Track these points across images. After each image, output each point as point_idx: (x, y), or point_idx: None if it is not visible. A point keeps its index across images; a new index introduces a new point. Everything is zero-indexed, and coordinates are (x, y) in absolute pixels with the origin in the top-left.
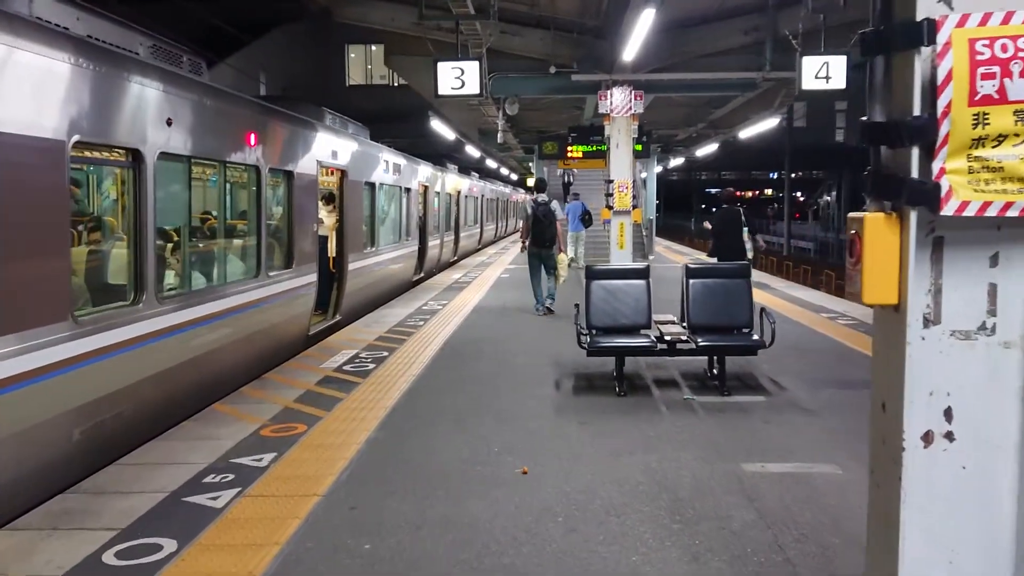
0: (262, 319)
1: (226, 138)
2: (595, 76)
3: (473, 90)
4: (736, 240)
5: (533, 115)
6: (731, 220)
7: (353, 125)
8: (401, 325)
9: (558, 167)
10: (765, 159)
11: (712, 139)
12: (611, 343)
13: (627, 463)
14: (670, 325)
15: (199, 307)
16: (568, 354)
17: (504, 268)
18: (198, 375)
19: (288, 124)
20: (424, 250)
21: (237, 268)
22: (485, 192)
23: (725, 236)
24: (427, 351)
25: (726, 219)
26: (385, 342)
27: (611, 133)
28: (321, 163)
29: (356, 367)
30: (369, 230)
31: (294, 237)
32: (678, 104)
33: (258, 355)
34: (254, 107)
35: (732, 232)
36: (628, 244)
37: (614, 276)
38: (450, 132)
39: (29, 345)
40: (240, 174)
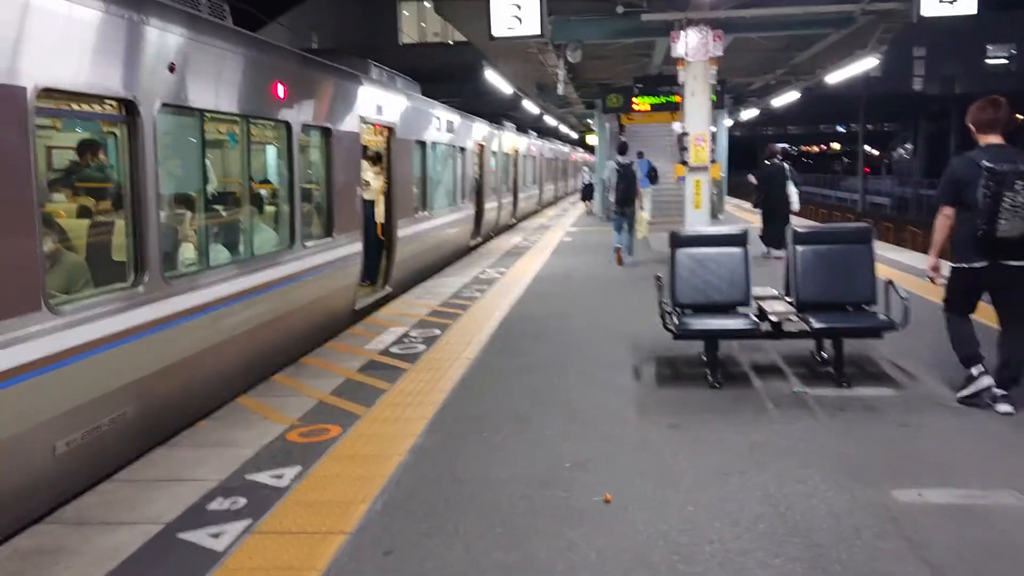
0: (297, 296)
1: (249, 90)
2: (668, 15)
3: (532, 30)
4: (781, 192)
5: (595, 65)
6: (777, 174)
7: (402, 80)
8: (456, 297)
9: (620, 122)
10: (833, 112)
11: (792, 86)
12: (704, 325)
13: (738, 487)
14: (773, 302)
15: (216, 287)
16: (645, 331)
17: (566, 231)
18: (218, 366)
19: (325, 76)
20: (481, 213)
21: (265, 239)
22: (544, 151)
23: (771, 189)
24: (484, 329)
25: (772, 173)
26: (438, 317)
27: (686, 80)
28: (365, 119)
29: (404, 349)
30: (420, 193)
31: (334, 202)
32: (755, 48)
33: (293, 336)
34: (283, 55)
35: (778, 185)
36: (705, 204)
37: (705, 243)
38: (507, 86)
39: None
40: (267, 132)
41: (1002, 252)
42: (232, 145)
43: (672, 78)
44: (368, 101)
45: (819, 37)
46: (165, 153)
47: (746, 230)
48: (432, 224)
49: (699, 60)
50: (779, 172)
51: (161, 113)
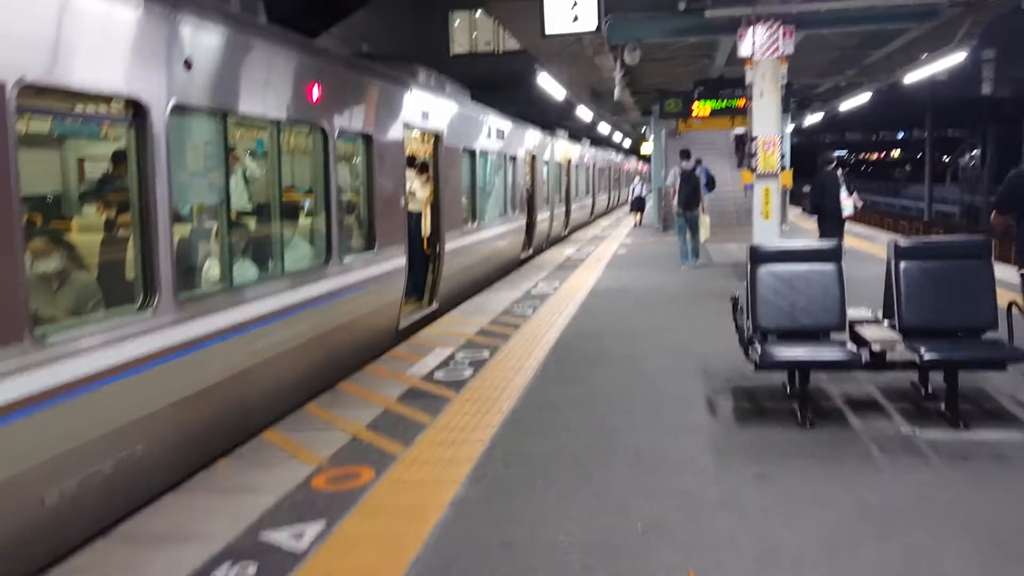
0: (335, 315)
1: (279, 91)
2: (735, 10)
3: (588, 25)
4: (834, 200)
5: (652, 68)
6: (830, 182)
7: (451, 85)
8: (507, 314)
9: (678, 129)
10: (894, 117)
11: (862, 88)
12: (792, 355)
13: (854, 566)
14: (871, 327)
15: (241, 308)
16: (716, 354)
17: (620, 243)
18: (242, 396)
19: (366, 79)
20: (533, 224)
21: (298, 255)
22: (597, 160)
23: (824, 197)
24: (536, 351)
25: (825, 181)
26: (486, 337)
27: (753, 80)
28: (410, 126)
29: (449, 374)
30: (469, 203)
31: (375, 213)
32: (826, 47)
33: (330, 360)
34: (320, 56)
35: (831, 193)
36: (775, 214)
37: (790, 259)
38: (559, 90)
39: None
40: (301, 138)
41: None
42: (260, 152)
43: (735, 81)
44: (413, 107)
45: (898, 33)
46: (179, 159)
47: (839, 244)
48: (481, 236)
49: (768, 58)
50: (832, 180)
51: (174, 115)
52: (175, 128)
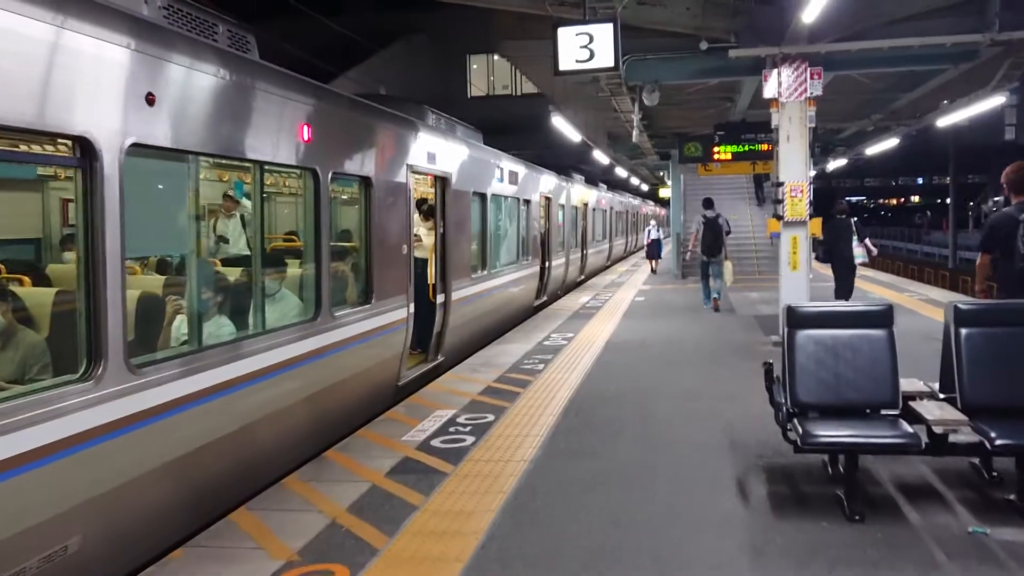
0: (323, 375)
1: (263, 130)
2: (760, 50)
3: (605, 62)
4: (847, 248)
5: (671, 112)
6: (843, 229)
7: (463, 128)
8: (515, 370)
9: (698, 173)
10: (915, 163)
11: (890, 134)
12: (839, 436)
13: None
14: (928, 403)
15: (210, 372)
16: (744, 421)
17: (638, 290)
18: (207, 473)
19: (366, 118)
20: (547, 270)
21: (282, 309)
22: (614, 204)
23: (836, 244)
24: (546, 415)
25: (838, 228)
26: (492, 397)
27: (780, 123)
28: (415, 168)
29: (448, 441)
30: (480, 249)
31: (374, 262)
32: (853, 90)
33: (319, 424)
34: (313, 92)
35: (844, 240)
36: (804, 265)
37: (834, 323)
38: (575, 133)
39: None
40: (288, 180)
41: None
42: (238, 195)
43: (757, 125)
44: (419, 148)
45: (932, 75)
46: (137, 205)
47: (890, 306)
48: (492, 284)
49: (795, 100)
50: (845, 227)
51: (132, 155)
52: (132, 170)
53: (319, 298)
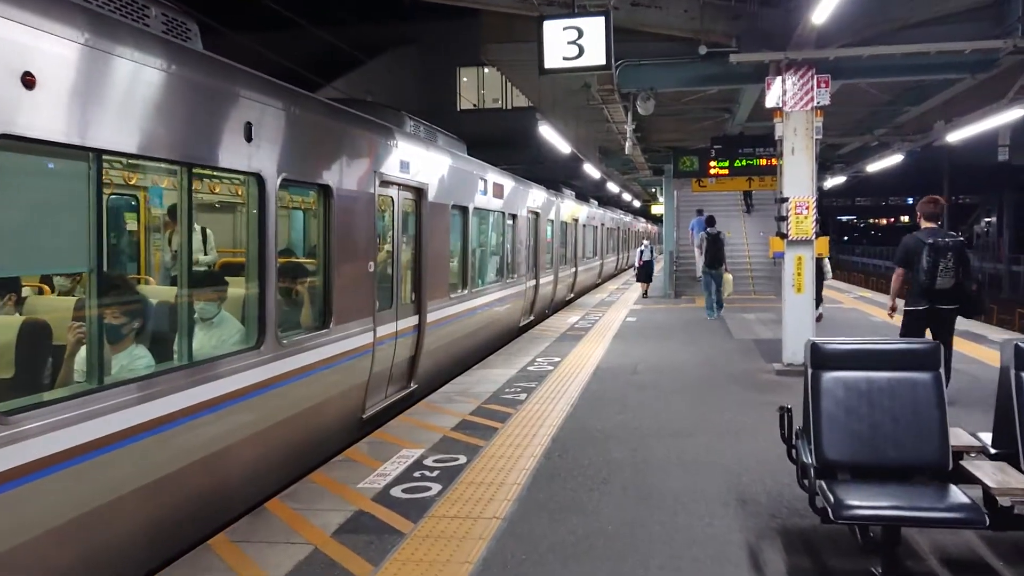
0: (268, 412)
1: (192, 126)
2: (763, 55)
3: (596, 60)
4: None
5: (665, 124)
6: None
7: (444, 136)
8: (496, 399)
9: (692, 189)
10: (906, 183)
11: (893, 150)
12: (880, 507)
13: None
14: (982, 462)
15: (112, 416)
16: (753, 471)
17: (629, 309)
18: (112, 532)
19: (327, 119)
20: (535, 288)
21: (220, 336)
22: (605, 220)
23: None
24: (525, 455)
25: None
26: (467, 432)
27: (784, 134)
28: (385, 178)
29: (411, 490)
30: (460, 267)
31: (333, 281)
32: (858, 102)
33: (260, 469)
34: (255, 85)
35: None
36: (809, 288)
37: (869, 363)
38: (564, 144)
39: None
40: (224, 186)
41: (937, 298)
42: (155, 203)
43: (756, 139)
44: (390, 156)
45: (941, 87)
46: (15, 210)
47: (938, 344)
48: (473, 304)
49: (800, 110)
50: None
51: (2, 149)
52: (6, 166)
53: (262, 323)
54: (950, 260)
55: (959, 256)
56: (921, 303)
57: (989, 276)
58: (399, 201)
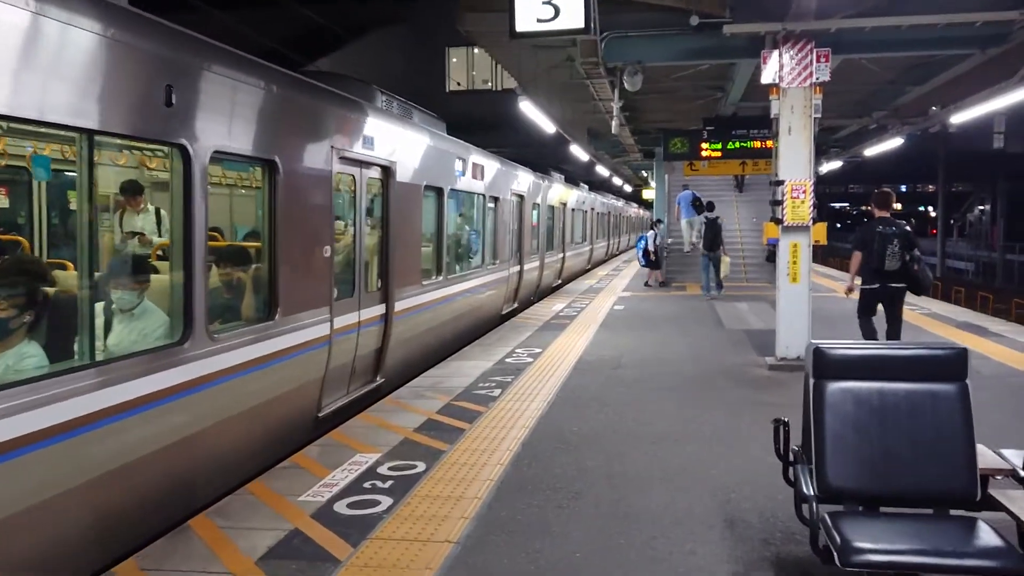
0: (196, 415)
1: (92, 86)
2: (759, 26)
3: (573, 22)
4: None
5: (654, 104)
6: None
7: (422, 114)
8: (467, 395)
9: (683, 173)
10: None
11: (892, 133)
12: (899, 554)
13: None
14: (1015, 492)
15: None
16: (743, 486)
17: (617, 297)
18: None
19: (272, 85)
20: (519, 275)
21: (134, 331)
22: (595, 205)
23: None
24: (491, 463)
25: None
26: (432, 434)
27: (780, 112)
28: (344, 154)
29: (358, 504)
30: (434, 252)
31: (280, 267)
32: (859, 80)
33: (187, 479)
34: (179, 41)
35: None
36: (805, 277)
37: (881, 371)
38: (547, 122)
39: None
40: (137, 158)
41: (887, 278)
42: (43, 175)
43: (750, 120)
44: (351, 130)
45: (947, 64)
46: None
47: (964, 350)
48: (449, 292)
49: (798, 86)
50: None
51: None
52: None
53: (189, 315)
54: (896, 245)
55: (904, 241)
56: (874, 282)
57: (983, 265)
58: (363, 180)
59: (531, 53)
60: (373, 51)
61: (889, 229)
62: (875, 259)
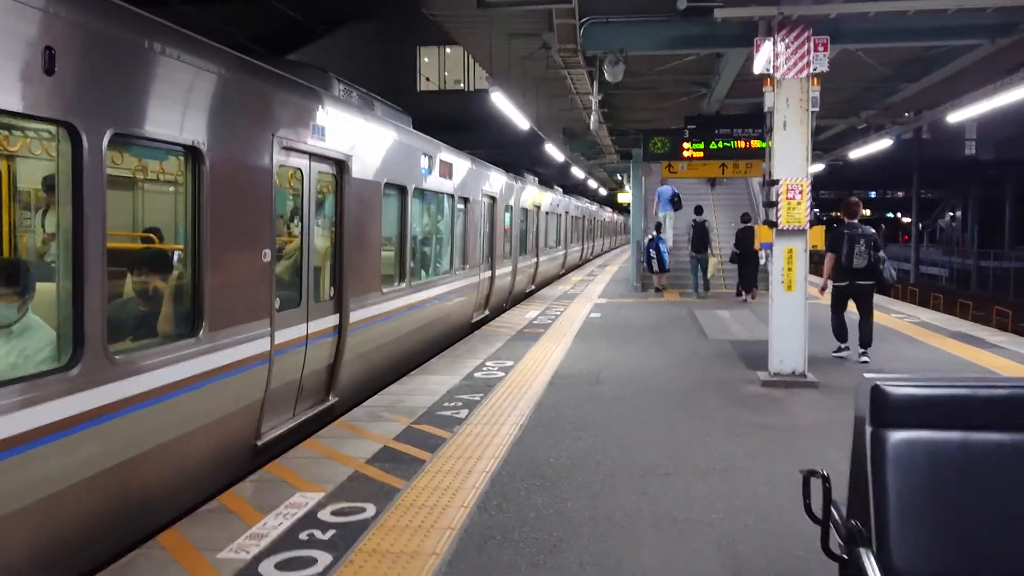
0: (92, 455)
1: None
2: (753, 10)
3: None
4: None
5: (633, 102)
6: (748, 235)
7: (385, 107)
8: (430, 417)
9: (662, 175)
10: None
11: (880, 134)
12: None
13: None
14: None
15: None
16: (752, 530)
17: (593, 303)
18: None
19: (193, 57)
20: (491, 280)
21: (12, 352)
22: (570, 208)
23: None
24: (453, 505)
25: (744, 234)
26: (386, 467)
27: (775, 105)
28: (289, 143)
29: (286, 565)
30: (397, 257)
31: (205, 274)
32: (849, 77)
33: (80, 531)
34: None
35: (748, 244)
36: (801, 286)
37: (970, 417)
38: (521, 118)
39: None
40: (10, 142)
41: (855, 276)
42: None
43: (735, 118)
44: (298, 118)
45: (947, 58)
46: None
47: None
48: (413, 299)
49: (794, 77)
50: (750, 233)
51: None
52: None
53: (79, 332)
54: (862, 245)
55: (869, 243)
56: (844, 279)
57: (957, 271)
58: (311, 175)
59: (504, 42)
60: (343, 49)
61: (858, 231)
62: (845, 258)
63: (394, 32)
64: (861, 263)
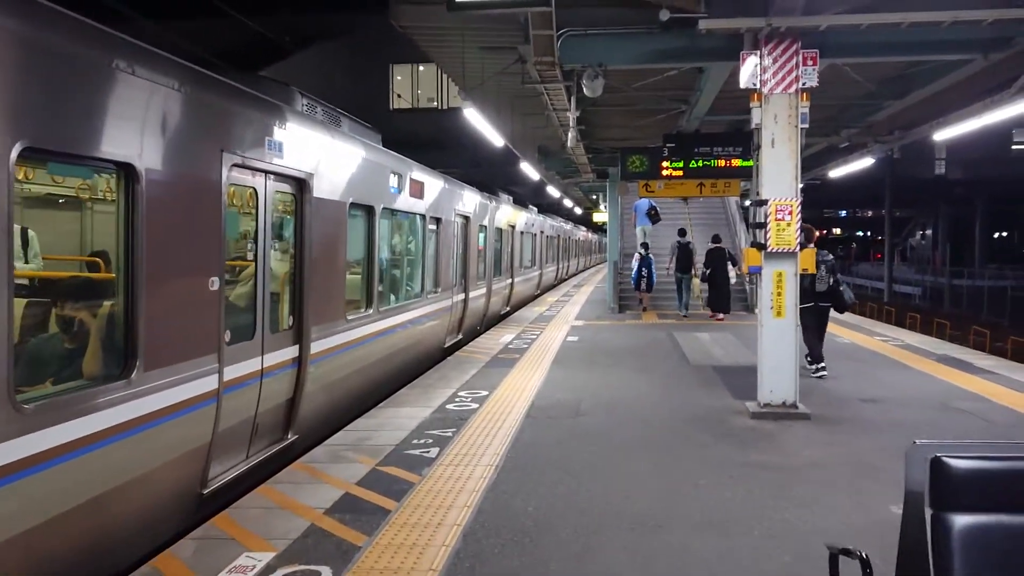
0: (3, 513)
1: None
2: (740, 21)
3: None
4: (723, 272)
5: (611, 119)
6: (718, 255)
7: (352, 123)
8: (397, 457)
9: (639, 195)
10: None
11: (864, 152)
12: None
13: None
14: None
15: None
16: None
17: (570, 326)
18: None
19: (120, 61)
20: (464, 303)
21: None
22: (545, 228)
23: (714, 269)
24: (419, 569)
25: (715, 254)
26: (344, 521)
27: (763, 121)
28: (240, 160)
29: None
30: (364, 281)
31: (139, 306)
32: (833, 95)
33: None
34: None
35: (720, 263)
36: (791, 312)
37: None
38: (495, 135)
39: None
40: None
41: (817, 298)
42: None
43: (715, 136)
44: (251, 133)
45: (936, 74)
46: None
47: None
48: (381, 326)
49: (782, 92)
50: (720, 254)
51: None
52: None
53: None
54: (823, 270)
55: (829, 268)
56: (808, 301)
57: (929, 290)
58: (268, 195)
59: (477, 56)
60: (314, 66)
61: (817, 258)
62: (807, 282)
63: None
64: (822, 287)
